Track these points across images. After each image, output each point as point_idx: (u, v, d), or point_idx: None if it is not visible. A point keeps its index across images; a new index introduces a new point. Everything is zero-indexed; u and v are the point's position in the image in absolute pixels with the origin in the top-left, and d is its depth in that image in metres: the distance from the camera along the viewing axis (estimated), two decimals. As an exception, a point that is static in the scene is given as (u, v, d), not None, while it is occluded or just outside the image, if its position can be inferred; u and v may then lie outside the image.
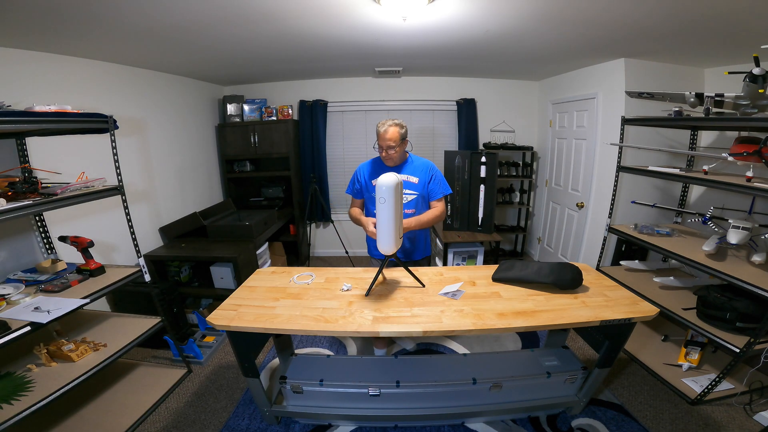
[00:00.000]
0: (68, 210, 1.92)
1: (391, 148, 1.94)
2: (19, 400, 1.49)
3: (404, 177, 2.03)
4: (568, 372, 1.86)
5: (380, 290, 1.75)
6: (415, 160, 2.11)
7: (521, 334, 2.75)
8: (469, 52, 2.84)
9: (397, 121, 1.96)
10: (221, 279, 2.89)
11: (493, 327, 1.43)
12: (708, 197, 2.89)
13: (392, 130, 1.91)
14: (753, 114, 1.81)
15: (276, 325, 1.47)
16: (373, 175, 2.09)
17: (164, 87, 3.17)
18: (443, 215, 2.12)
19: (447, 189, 2.11)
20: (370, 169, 2.13)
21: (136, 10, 1.73)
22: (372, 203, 2.10)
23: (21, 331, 1.43)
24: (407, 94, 4.11)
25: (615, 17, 1.95)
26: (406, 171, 2.06)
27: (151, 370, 2.35)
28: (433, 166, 2.11)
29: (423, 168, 2.07)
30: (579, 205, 3.50)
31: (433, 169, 2.10)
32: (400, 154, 2.02)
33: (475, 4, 1.82)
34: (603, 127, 3.14)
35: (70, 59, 2.32)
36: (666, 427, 1.86)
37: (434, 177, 2.07)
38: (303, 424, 1.92)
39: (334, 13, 1.93)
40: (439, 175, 2.11)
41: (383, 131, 1.92)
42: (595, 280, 1.83)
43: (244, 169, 4.03)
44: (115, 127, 1.90)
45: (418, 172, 2.05)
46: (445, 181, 2.14)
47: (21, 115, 1.52)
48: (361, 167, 2.17)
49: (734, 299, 1.87)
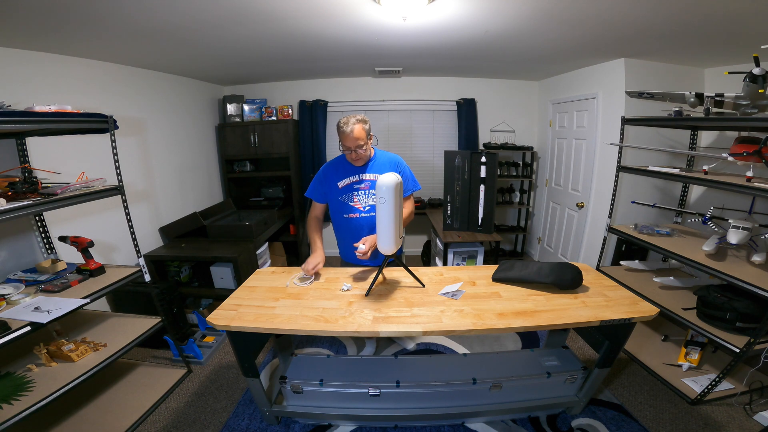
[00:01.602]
0: (68, 210, 1.92)
1: (360, 148, 1.83)
2: (19, 400, 1.49)
3: (372, 177, 1.94)
4: (568, 372, 1.86)
5: (380, 290, 1.75)
6: (380, 156, 2.01)
7: (521, 334, 2.75)
8: (469, 52, 2.84)
9: (359, 117, 1.83)
10: (221, 279, 2.89)
11: (493, 327, 1.43)
12: (708, 197, 2.89)
13: (358, 128, 1.79)
14: (753, 114, 1.81)
15: (276, 325, 1.47)
16: (336, 177, 1.98)
17: (164, 87, 3.17)
18: (412, 214, 2.04)
19: (416, 185, 2.03)
20: (333, 171, 1.99)
21: (136, 10, 1.73)
22: (338, 210, 2.00)
23: (21, 331, 1.43)
24: (407, 94, 4.11)
25: (615, 17, 1.95)
26: (372, 170, 1.95)
27: (151, 370, 2.35)
28: (400, 161, 2.02)
29: (389, 165, 1.97)
30: (579, 205, 3.50)
31: (400, 165, 2.00)
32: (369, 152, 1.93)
33: (475, 4, 1.82)
34: (603, 127, 3.14)
35: (70, 59, 2.32)
36: (666, 427, 1.86)
37: (402, 174, 1.92)
38: (303, 424, 1.92)
39: (334, 13, 1.93)
40: (407, 171, 2.01)
41: (349, 131, 1.78)
42: (595, 280, 1.83)
43: (244, 169, 4.03)
44: (115, 127, 1.90)
45: (385, 170, 1.90)
46: (414, 177, 2.05)
47: (21, 115, 1.52)
48: (325, 169, 2.03)
49: (734, 299, 1.87)
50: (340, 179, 1.99)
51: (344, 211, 2.00)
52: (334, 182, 1.99)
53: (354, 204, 1.98)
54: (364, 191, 1.97)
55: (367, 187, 1.97)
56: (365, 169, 1.97)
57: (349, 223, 2.00)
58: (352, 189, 1.97)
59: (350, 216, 1.99)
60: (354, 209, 1.98)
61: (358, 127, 1.81)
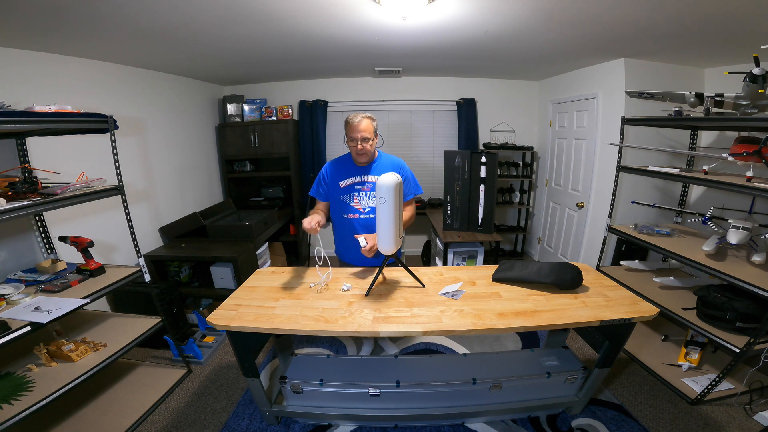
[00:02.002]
0: (68, 210, 1.92)
1: (366, 140, 1.85)
2: (19, 400, 1.49)
3: (374, 179, 1.93)
4: (568, 372, 1.86)
5: (380, 290, 1.75)
6: (384, 158, 2.02)
7: (521, 334, 2.74)
8: (469, 52, 2.84)
9: (368, 114, 1.88)
10: (221, 279, 2.89)
11: (493, 327, 1.43)
12: (708, 197, 2.89)
13: (366, 122, 1.84)
14: (753, 114, 1.81)
15: (276, 325, 1.47)
16: (339, 176, 1.99)
17: (164, 87, 3.17)
18: (413, 218, 2.04)
19: (418, 189, 2.04)
20: (336, 170, 2.00)
21: (136, 11, 1.73)
22: (338, 209, 2.01)
23: (21, 331, 1.43)
24: (407, 94, 4.11)
25: (615, 17, 1.95)
26: (375, 171, 1.96)
27: (151, 370, 2.35)
28: (403, 164, 2.03)
29: (391, 168, 1.96)
30: (579, 205, 3.50)
31: (402, 168, 2.00)
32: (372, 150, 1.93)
33: (475, 4, 1.82)
34: (603, 127, 3.14)
35: (70, 59, 2.32)
36: (666, 427, 1.86)
37: (404, 177, 1.91)
38: (303, 424, 1.92)
39: (334, 13, 1.93)
40: (409, 175, 2.02)
41: (357, 122, 1.83)
42: (595, 280, 1.83)
43: (244, 169, 4.03)
44: (115, 127, 1.90)
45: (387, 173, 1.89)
46: (416, 181, 2.06)
47: (21, 115, 1.52)
48: (328, 166, 2.04)
49: (734, 299, 1.87)
50: (342, 179, 1.99)
51: (344, 211, 2.00)
52: (336, 181, 2.00)
53: (354, 205, 1.98)
54: (365, 193, 1.97)
55: (368, 189, 1.97)
56: (368, 170, 1.97)
57: (348, 223, 2.00)
58: (353, 189, 1.97)
59: (350, 216, 1.99)
60: (354, 210, 1.98)
61: (367, 121, 1.85)
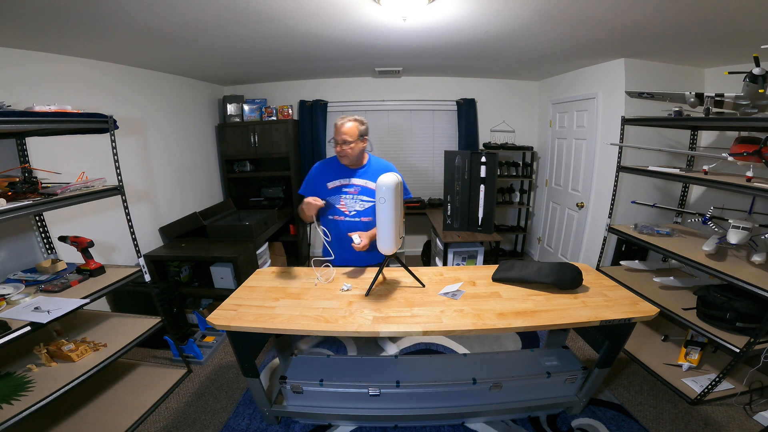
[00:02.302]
0: (68, 210, 1.92)
1: (346, 143, 1.86)
2: (19, 400, 1.49)
3: (362, 182, 1.96)
4: (568, 372, 1.86)
5: (380, 290, 1.75)
6: (374, 162, 2.02)
7: (521, 334, 2.74)
8: (469, 52, 2.84)
9: (358, 118, 1.89)
10: (221, 279, 2.89)
11: (493, 327, 1.43)
12: (708, 197, 2.89)
13: (350, 125, 1.85)
14: (753, 114, 1.81)
15: (276, 325, 1.47)
16: (327, 177, 1.99)
17: (164, 87, 3.17)
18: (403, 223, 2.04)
19: (407, 194, 2.01)
20: (325, 170, 2.01)
21: (136, 10, 1.73)
22: (325, 209, 1.99)
23: (21, 331, 1.43)
24: (407, 94, 4.11)
25: (615, 17, 1.95)
26: (363, 176, 1.97)
27: (151, 370, 2.35)
28: (393, 169, 2.00)
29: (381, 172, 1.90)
30: (579, 205, 3.50)
31: None
32: (357, 153, 1.92)
33: (475, 4, 1.82)
34: (603, 127, 3.14)
35: (70, 59, 2.32)
36: (666, 427, 1.86)
37: None
38: (303, 424, 1.92)
39: (334, 13, 1.93)
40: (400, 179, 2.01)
41: (340, 124, 1.86)
42: (595, 280, 1.83)
43: (244, 169, 4.03)
44: (115, 127, 1.90)
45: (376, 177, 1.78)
46: (406, 186, 2.01)
47: (21, 115, 1.52)
48: (317, 167, 2.05)
49: (734, 299, 1.87)
50: (330, 180, 1.99)
51: (330, 212, 2.01)
52: (323, 182, 2.00)
53: (340, 207, 1.98)
54: (351, 196, 1.97)
55: (355, 192, 1.97)
56: (355, 173, 1.97)
57: (333, 224, 2.00)
58: (340, 191, 1.98)
59: (336, 218, 2.00)
60: (340, 212, 1.98)
61: (351, 124, 1.86)
